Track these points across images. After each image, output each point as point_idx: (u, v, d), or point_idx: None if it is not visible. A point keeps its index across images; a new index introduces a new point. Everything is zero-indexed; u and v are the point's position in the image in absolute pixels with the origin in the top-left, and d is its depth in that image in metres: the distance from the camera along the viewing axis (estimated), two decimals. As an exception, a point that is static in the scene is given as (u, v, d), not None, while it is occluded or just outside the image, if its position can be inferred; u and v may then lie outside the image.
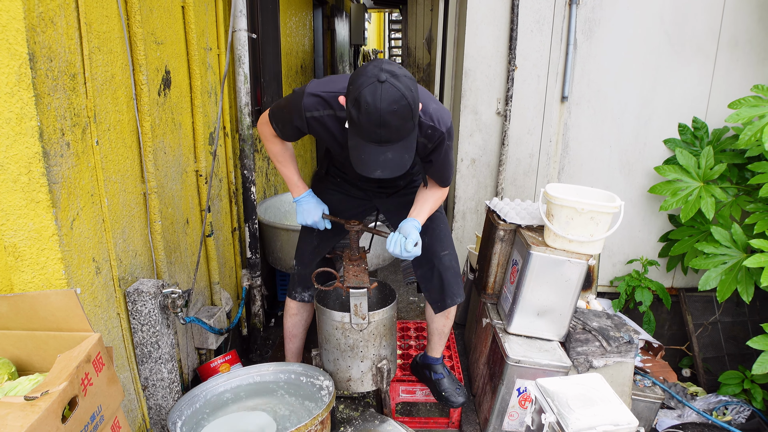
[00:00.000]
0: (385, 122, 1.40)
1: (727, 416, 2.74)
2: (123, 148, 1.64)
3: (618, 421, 1.65)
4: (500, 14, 2.92)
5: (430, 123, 1.65)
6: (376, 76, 1.40)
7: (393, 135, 1.44)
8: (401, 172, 1.51)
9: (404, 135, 1.46)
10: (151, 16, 1.79)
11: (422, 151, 1.72)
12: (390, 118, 1.40)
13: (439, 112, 1.67)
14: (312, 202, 1.91)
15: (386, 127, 1.41)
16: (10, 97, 1.23)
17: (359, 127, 1.44)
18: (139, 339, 1.71)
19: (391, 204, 2.04)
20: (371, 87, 1.39)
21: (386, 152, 1.46)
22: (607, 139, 3.07)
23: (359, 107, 1.41)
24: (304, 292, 2.15)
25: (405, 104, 1.40)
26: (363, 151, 1.47)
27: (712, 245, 2.66)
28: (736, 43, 2.88)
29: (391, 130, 1.42)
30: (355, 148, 1.49)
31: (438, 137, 1.66)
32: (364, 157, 1.47)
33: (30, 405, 1.07)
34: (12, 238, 1.31)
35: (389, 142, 1.45)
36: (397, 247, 1.74)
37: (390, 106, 1.39)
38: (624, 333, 2.18)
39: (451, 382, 2.20)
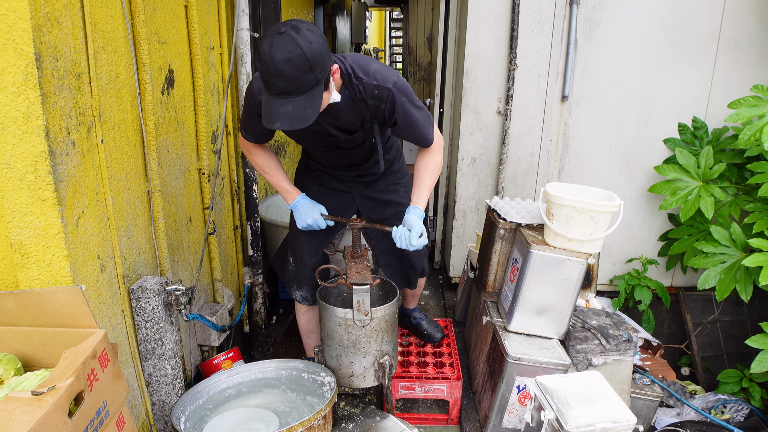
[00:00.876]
0: (280, 71, 1.43)
1: (725, 414, 2.76)
2: (127, 147, 1.66)
3: (616, 418, 1.67)
4: (501, 14, 2.93)
5: (373, 82, 1.67)
6: (276, 29, 1.46)
7: (290, 86, 1.45)
8: (303, 125, 1.51)
9: (305, 88, 1.48)
10: (155, 16, 1.80)
11: (377, 112, 1.74)
12: (284, 68, 1.42)
13: (383, 71, 1.69)
14: (307, 205, 1.94)
15: (281, 76, 1.44)
16: (16, 97, 1.25)
17: (264, 79, 1.48)
18: (143, 335, 1.73)
19: (368, 199, 2.07)
20: (270, 39, 1.44)
21: (287, 104, 1.48)
22: (607, 139, 3.08)
23: (260, 58, 1.46)
24: (298, 290, 2.16)
25: (299, 54, 1.42)
26: (267, 104, 1.51)
27: (711, 244, 2.68)
28: (736, 43, 2.89)
29: (287, 80, 1.44)
30: (264, 103, 1.53)
31: (387, 95, 1.68)
32: (267, 109, 1.51)
33: (37, 400, 1.09)
34: (18, 236, 1.33)
35: (289, 93, 1.47)
36: (402, 242, 1.77)
37: (284, 55, 1.42)
38: (623, 331, 2.20)
39: (429, 323, 2.55)
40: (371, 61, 1.72)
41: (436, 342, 2.52)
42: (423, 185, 1.86)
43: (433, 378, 2.28)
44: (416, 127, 1.79)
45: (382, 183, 2.07)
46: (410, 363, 2.40)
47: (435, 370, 2.34)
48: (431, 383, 2.28)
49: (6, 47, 1.22)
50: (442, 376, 2.29)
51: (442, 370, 2.34)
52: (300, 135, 1.86)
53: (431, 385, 2.28)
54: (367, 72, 1.68)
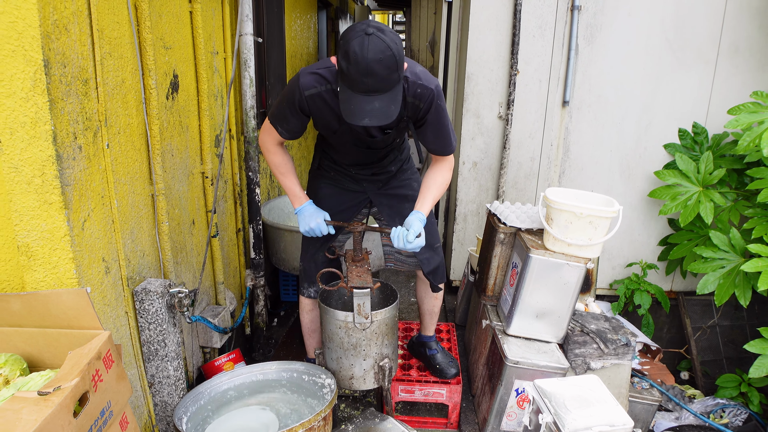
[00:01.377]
0: (371, 71, 1.49)
1: (724, 419, 2.77)
2: (132, 151, 1.69)
3: (614, 422, 1.68)
4: (503, 19, 2.96)
5: (419, 81, 1.73)
6: (363, 30, 1.50)
7: (379, 84, 1.52)
8: (388, 121, 1.58)
9: (391, 85, 1.55)
10: (160, 22, 1.83)
11: (414, 112, 1.78)
12: (376, 67, 1.49)
13: (426, 74, 1.76)
14: (311, 210, 1.96)
15: (373, 75, 1.50)
16: (25, 102, 1.27)
17: (349, 77, 1.53)
18: (146, 337, 1.75)
19: (384, 196, 2.10)
20: (359, 39, 1.49)
21: (373, 101, 1.54)
22: (607, 144, 3.10)
23: (348, 58, 1.50)
24: (310, 287, 2.21)
25: (390, 54, 1.50)
26: (352, 101, 1.56)
27: (710, 249, 2.69)
28: (737, 49, 2.91)
29: (377, 79, 1.51)
30: (345, 100, 1.58)
31: (428, 95, 1.74)
32: (353, 106, 1.56)
33: (43, 400, 1.11)
34: (25, 238, 1.36)
35: (376, 91, 1.53)
36: (400, 241, 1.81)
37: (376, 56, 1.48)
38: (621, 336, 2.22)
39: (444, 356, 2.39)
40: (416, 64, 1.78)
41: (448, 378, 2.32)
42: (429, 195, 1.91)
43: (432, 382, 2.29)
44: (443, 133, 1.85)
45: (395, 181, 2.11)
46: (410, 366, 2.41)
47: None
48: (431, 387, 2.29)
49: (15, 54, 1.24)
50: (442, 380, 2.30)
51: None
52: (338, 131, 1.88)
53: (431, 389, 2.30)
54: (414, 72, 1.74)
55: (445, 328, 2.73)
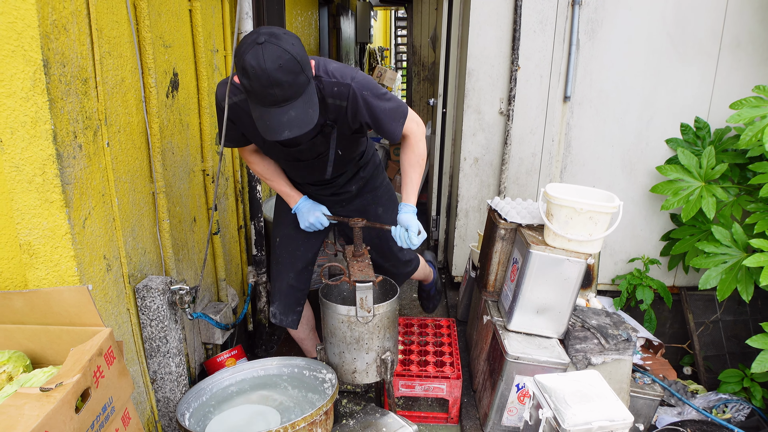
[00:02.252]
0: (275, 81, 1.41)
1: (726, 414, 2.77)
2: (132, 149, 1.70)
3: (613, 416, 1.69)
4: (503, 15, 2.95)
5: (333, 80, 1.63)
6: (254, 40, 1.41)
7: (288, 92, 1.43)
8: (309, 127, 1.49)
9: (300, 90, 1.46)
10: (160, 20, 1.84)
11: (339, 112, 1.68)
12: (279, 75, 1.40)
13: (341, 69, 1.65)
14: (309, 205, 1.96)
15: (279, 86, 1.41)
16: (25, 102, 1.28)
17: (254, 93, 1.44)
18: (148, 334, 1.77)
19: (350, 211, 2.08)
20: (253, 51, 1.40)
21: (288, 111, 1.45)
22: (609, 139, 3.09)
23: (247, 74, 1.41)
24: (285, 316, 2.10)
25: (289, 58, 1.41)
26: (266, 117, 1.47)
27: (712, 244, 2.68)
28: (739, 43, 2.89)
29: (284, 88, 1.42)
30: (259, 118, 1.48)
31: (347, 92, 1.63)
32: (269, 122, 1.46)
33: (45, 396, 1.12)
34: (27, 237, 1.37)
35: (287, 100, 1.45)
36: (402, 242, 1.81)
37: (275, 64, 1.39)
38: (622, 331, 2.22)
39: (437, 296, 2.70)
40: (329, 61, 1.68)
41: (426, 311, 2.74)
42: (410, 181, 1.85)
43: (433, 377, 2.30)
44: (383, 120, 1.71)
45: (358, 200, 2.05)
46: (411, 361, 2.42)
47: (435, 369, 2.36)
48: (431, 382, 2.30)
49: (15, 54, 1.25)
50: (442, 375, 2.31)
51: (442, 369, 2.36)
52: (264, 146, 1.81)
53: (431, 384, 2.30)
54: (326, 71, 1.64)
55: (445, 324, 2.73)
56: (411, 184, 1.85)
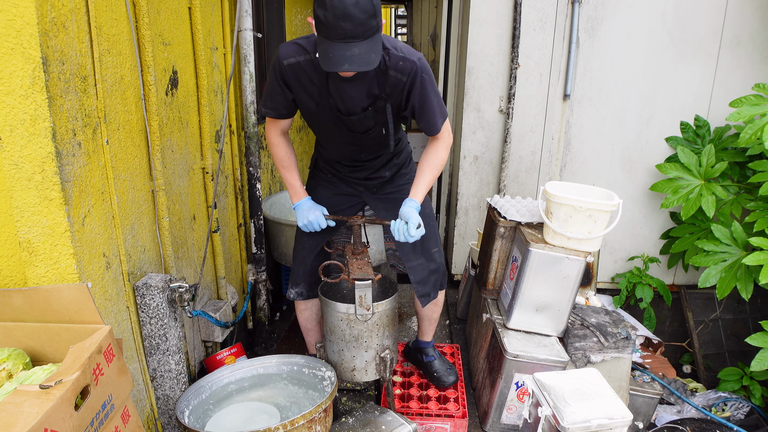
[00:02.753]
0: (348, 14, 1.47)
1: (726, 412, 2.77)
2: (132, 147, 1.70)
3: (612, 414, 1.69)
4: (503, 13, 2.95)
5: (400, 54, 1.70)
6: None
7: (357, 29, 1.49)
8: (369, 68, 1.54)
9: (369, 32, 1.52)
10: (159, 18, 1.84)
11: (396, 87, 1.74)
12: (353, 11, 1.47)
13: (408, 48, 1.74)
14: (309, 206, 1.97)
15: (350, 19, 1.47)
16: (24, 99, 1.28)
17: (326, 25, 1.50)
18: (147, 331, 1.77)
19: (379, 200, 2.09)
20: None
21: (352, 48, 1.51)
22: (609, 137, 3.09)
23: (324, 5, 1.48)
24: (292, 288, 2.18)
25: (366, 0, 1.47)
26: (330, 49, 1.52)
27: (712, 243, 2.68)
28: (739, 42, 2.89)
29: (355, 23, 1.48)
30: (323, 50, 1.54)
31: (411, 68, 1.70)
32: (332, 54, 1.52)
33: (45, 393, 1.12)
34: (26, 234, 1.37)
35: (355, 37, 1.50)
36: (400, 235, 1.81)
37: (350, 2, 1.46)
38: (622, 329, 2.22)
39: (442, 363, 2.33)
40: (395, 39, 1.77)
41: (446, 387, 2.25)
42: (423, 179, 1.89)
43: (435, 415, 2.15)
44: (428, 108, 1.79)
45: (390, 186, 2.08)
46: (411, 396, 2.26)
47: (438, 405, 2.20)
48: (433, 421, 2.14)
49: (14, 51, 1.25)
50: (446, 413, 2.15)
51: (445, 406, 2.19)
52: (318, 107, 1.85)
53: (433, 423, 2.14)
54: (395, 45, 1.72)
55: (449, 351, 2.60)
56: (423, 183, 1.89)
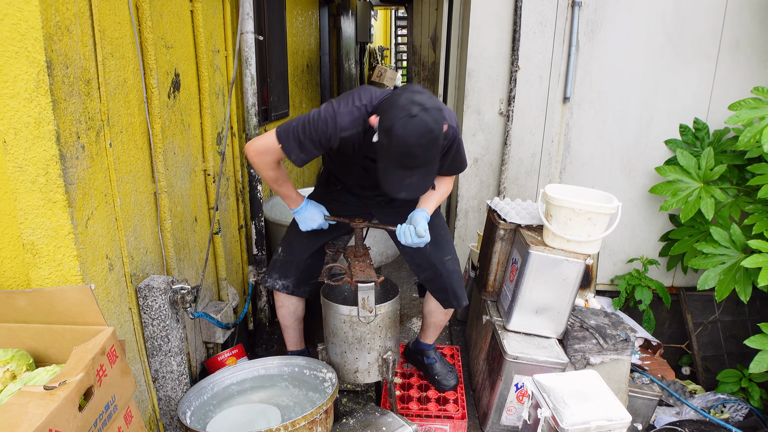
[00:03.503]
0: (413, 154, 1.55)
1: (725, 414, 2.78)
2: (135, 150, 1.71)
3: (611, 416, 1.70)
4: (503, 16, 2.96)
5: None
6: (408, 110, 1.52)
7: (418, 162, 1.58)
8: (424, 193, 1.69)
9: (429, 163, 1.61)
10: (161, 22, 1.85)
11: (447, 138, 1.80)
12: (417, 151, 1.54)
13: (448, 111, 1.77)
14: (311, 209, 1.98)
15: (414, 157, 1.56)
16: (28, 103, 1.29)
17: (389, 153, 1.58)
18: (149, 333, 1.78)
19: (386, 214, 2.09)
20: (403, 120, 1.52)
21: (412, 176, 1.60)
22: (608, 140, 3.10)
23: (390, 138, 1.54)
24: (279, 279, 2.12)
25: (432, 137, 1.54)
26: (391, 174, 1.62)
27: (711, 245, 2.69)
28: (738, 45, 2.90)
29: (416, 160, 1.57)
30: (384, 171, 1.63)
31: (452, 134, 1.77)
32: (390, 179, 1.62)
33: (49, 394, 1.13)
34: (30, 236, 1.38)
35: (415, 168, 1.59)
36: (407, 237, 1.82)
37: (419, 140, 1.53)
38: (621, 331, 2.23)
39: (443, 365, 2.32)
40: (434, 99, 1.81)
41: (447, 390, 2.26)
42: (433, 198, 1.95)
43: (434, 416, 2.17)
44: (457, 162, 1.91)
45: (399, 201, 2.06)
46: (410, 398, 2.28)
47: (437, 406, 2.22)
48: (432, 422, 2.16)
49: (18, 55, 1.26)
50: (445, 414, 2.17)
51: (445, 407, 2.21)
52: (344, 162, 1.92)
53: (432, 425, 2.16)
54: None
55: (449, 352, 2.61)
56: (433, 201, 1.95)
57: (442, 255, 2.06)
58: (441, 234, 2.07)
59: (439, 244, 2.06)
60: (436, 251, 2.05)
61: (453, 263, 2.10)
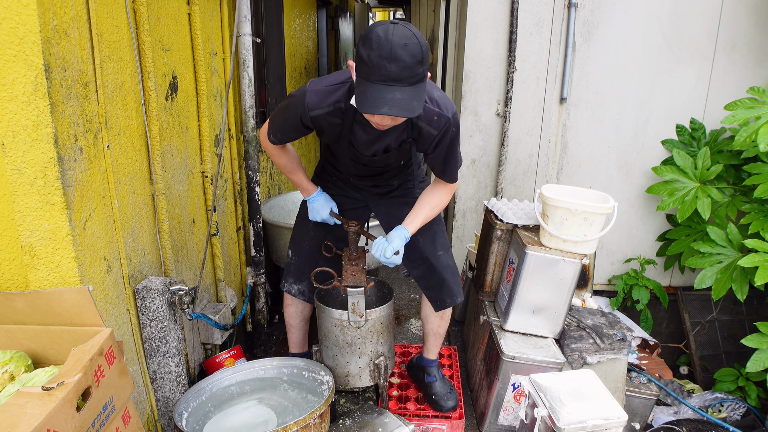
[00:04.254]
0: (395, 56, 1.37)
1: (722, 413, 2.79)
2: (132, 152, 1.72)
3: (608, 415, 1.71)
4: (500, 17, 2.97)
5: (436, 109, 1.66)
6: (388, 21, 1.43)
7: (403, 72, 1.39)
8: (411, 115, 1.44)
9: (415, 78, 1.42)
10: (159, 25, 1.86)
11: (429, 140, 1.72)
12: (401, 53, 1.37)
13: (444, 99, 1.69)
14: (321, 201, 1.99)
15: (396, 61, 1.38)
16: (27, 106, 1.30)
17: (369, 65, 1.40)
18: (147, 334, 1.78)
19: (384, 207, 2.08)
20: (384, 26, 1.40)
21: (395, 92, 1.41)
22: (605, 140, 3.11)
23: (370, 44, 1.40)
24: (294, 284, 2.14)
25: (416, 43, 1.39)
26: (370, 90, 1.42)
27: (707, 245, 2.70)
28: (734, 45, 2.92)
29: (401, 66, 1.38)
30: (362, 93, 1.44)
31: (444, 123, 1.67)
32: (371, 94, 1.42)
33: (47, 395, 1.14)
34: (29, 238, 1.39)
35: (399, 80, 1.40)
36: (378, 252, 1.78)
37: (401, 40, 1.38)
38: (617, 330, 2.24)
39: (443, 385, 2.23)
40: (435, 88, 1.70)
41: (444, 411, 2.18)
42: (421, 213, 1.86)
43: (432, 416, 2.17)
44: (451, 162, 1.80)
45: (397, 191, 2.07)
46: (408, 398, 2.28)
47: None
48: (430, 422, 2.17)
49: (17, 58, 1.27)
50: (443, 414, 2.17)
51: None
52: (335, 150, 1.86)
53: (430, 425, 2.17)
54: (431, 97, 1.66)
55: (446, 353, 2.59)
56: (420, 215, 1.86)
57: (435, 249, 2.04)
58: (434, 229, 2.03)
59: (433, 239, 2.03)
60: (430, 246, 2.03)
61: (447, 258, 2.05)
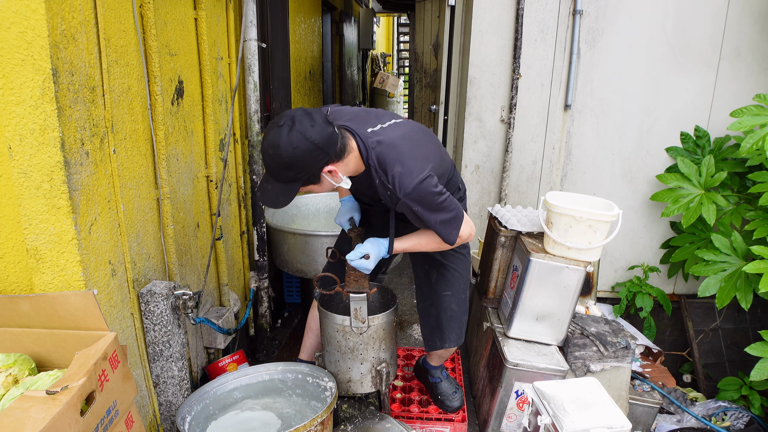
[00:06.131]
0: (264, 157, 1.57)
1: (726, 422, 2.77)
2: (138, 156, 1.72)
3: (611, 424, 1.70)
4: (505, 24, 2.98)
5: (390, 186, 1.63)
6: (279, 119, 1.55)
7: (272, 172, 1.58)
8: (274, 207, 1.65)
9: (281, 180, 1.58)
10: (166, 29, 1.87)
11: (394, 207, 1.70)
12: (266, 157, 1.55)
13: (401, 177, 1.61)
14: (347, 206, 2.03)
15: (265, 162, 1.57)
16: (34, 110, 1.31)
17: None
18: (151, 338, 1.78)
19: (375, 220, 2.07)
20: (271, 124, 1.57)
21: (268, 182, 1.61)
22: (609, 147, 3.11)
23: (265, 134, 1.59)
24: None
25: (277, 154, 1.51)
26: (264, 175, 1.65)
27: (712, 252, 2.70)
28: (738, 53, 2.92)
29: (268, 167, 1.57)
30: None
31: (396, 201, 1.64)
32: (262, 180, 1.65)
33: (51, 399, 1.14)
34: (34, 242, 1.39)
35: (270, 176, 1.60)
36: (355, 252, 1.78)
37: (267, 148, 1.54)
38: (621, 338, 2.23)
39: (449, 385, 2.25)
40: (399, 162, 1.63)
41: (450, 411, 2.20)
42: (415, 238, 1.82)
43: (435, 419, 2.18)
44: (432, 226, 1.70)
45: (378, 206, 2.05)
46: (411, 400, 2.30)
47: (438, 410, 2.24)
48: (433, 425, 2.18)
49: (25, 63, 1.28)
50: (446, 417, 2.19)
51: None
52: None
53: (433, 427, 2.19)
54: (386, 171, 1.63)
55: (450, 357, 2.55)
56: (409, 240, 1.82)
57: (443, 288, 2.02)
58: (452, 270, 2.02)
59: (447, 279, 2.02)
60: (441, 284, 2.02)
61: (451, 301, 2.02)
